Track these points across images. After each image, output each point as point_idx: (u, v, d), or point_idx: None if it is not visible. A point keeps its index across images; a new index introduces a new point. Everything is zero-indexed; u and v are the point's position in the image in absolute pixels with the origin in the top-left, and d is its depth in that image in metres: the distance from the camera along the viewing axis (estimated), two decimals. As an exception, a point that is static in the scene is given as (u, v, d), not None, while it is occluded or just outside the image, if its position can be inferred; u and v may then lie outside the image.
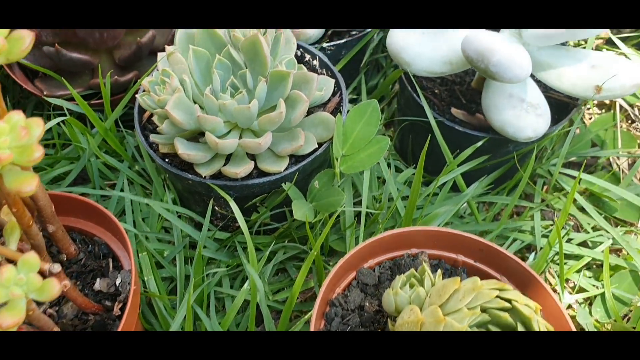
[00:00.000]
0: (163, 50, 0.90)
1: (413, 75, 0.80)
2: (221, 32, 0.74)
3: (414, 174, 0.89)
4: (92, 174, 0.83)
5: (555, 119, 0.80)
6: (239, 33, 0.71)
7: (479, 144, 0.79)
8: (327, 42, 0.89)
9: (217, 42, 0.74)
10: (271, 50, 0.75)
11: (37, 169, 0.87)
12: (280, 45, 0.76)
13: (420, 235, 0.65)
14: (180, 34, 0.75)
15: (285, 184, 0.71)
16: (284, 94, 0.70)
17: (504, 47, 0.67)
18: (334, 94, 0.80)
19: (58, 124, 0.88)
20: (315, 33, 0.86)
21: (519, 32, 0.75)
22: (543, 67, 0.76)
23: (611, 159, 0.93)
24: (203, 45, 0.74)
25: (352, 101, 0.99)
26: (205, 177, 0.70)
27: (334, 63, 0.91)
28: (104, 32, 0.83)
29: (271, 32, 0.73)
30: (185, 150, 0.67)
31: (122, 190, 0.84)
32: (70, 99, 0.87)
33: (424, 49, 0.76)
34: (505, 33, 0.76)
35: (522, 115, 0.74)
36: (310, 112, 0.78)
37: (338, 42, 0.89)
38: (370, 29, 0.90)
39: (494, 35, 0.71)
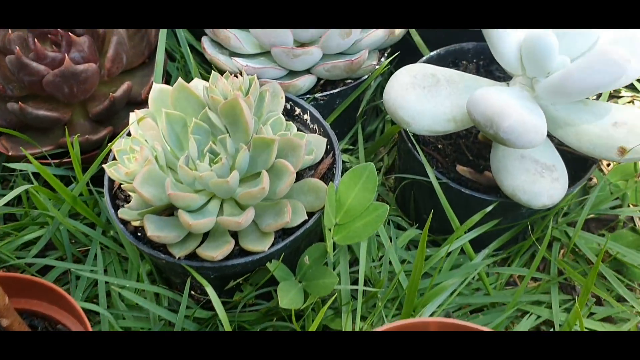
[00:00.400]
0: (141, 102, 0.83)
1: (413, 134, 0.72)
2: (199, 92, 0.66)
3: (417, 234, 0.81)
4: (60, 244, 0.76)
5: (572, 175, 0.72)
6: (218, 94, 0.64)
7: (489, 209, 0.71)
8: (320, 92, 0.81)
9: (194, 103, 0.66)
10: (255, 109, 0.68)
11: (4, 234, 0.79)
12: (266, 103, 0.68)
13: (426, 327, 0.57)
14: (154, 91, 0.68)
15: (271, 261, 0.64)
16: (267, 163, 0.62)
17: (516, 111, 0.59)
18: (326, 152, 0.73)
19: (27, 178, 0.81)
20: (306, 84, 0.79)
21: (531, 85, 0.67)
22: (559, 124, 0.68)
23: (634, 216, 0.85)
24: (178, 106, 0.66)
25: (347, 151, 0.91)
26: (179, 257, 0.62)
27: (328, 112, 0.84)
28: (73, 87, 0.76)
29: (255, 90, 0.65)
30: (155, 231, 0.59)
31: (95, 257, 0.77)
32: (41, 157, 0.79)
33: (425, 106, 0.68)
34: (516, 88, 0.68)
35: (537, 180, 0.66)
36: (299, 175, 0.71)
37: (332, 91, 0.81)
38: (366, 76, 0.83)
39: (503, 92, 0.64)
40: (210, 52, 0.80)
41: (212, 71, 0.67)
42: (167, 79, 0.96)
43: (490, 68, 0.86)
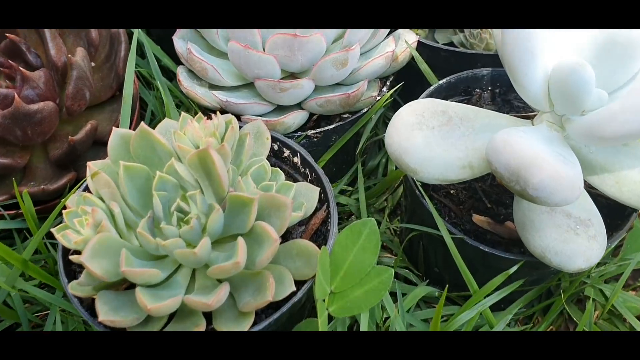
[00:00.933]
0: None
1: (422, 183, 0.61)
2: (169, 136, 0.56)
3: (429, 292, 0.70)
4: (9, 314, 0.65)
5: (607, 224, 0.61)
6: (186, 142, 0.53)
7: (512, 270, 0.60)
8: (313, 129, 0.70)
9: (161, 151, 0.56)
10: (234, 157, 0.57)
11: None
12: (246, 149, 0.58)
13: None
14: (113, 138, 0.57)
15: (252, 343, 0.53)
16: (245, 225, 0.52)
17: (548, 162, 0.48)
18: (320, 201, 0.62)
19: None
20: (296, 121, 0.68)
21: (561, 124, 0.57)
22: (594, 169, 0.58)
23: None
24: (142, 156, 0.56)
25: (346, 192, 0.81)
26: (141, 343, 0.51)
27: (323, 150, 0.73)
28: (27, 129, 0.66)
29: (232, 135, 0.55)
30: (108, 314, 0.48)
31: (55, 322, 0.66)
32: (-6, 207, 0.69)
33: (435, 150, 0.57)
34: (543, 127, 0.57)
35: (570, 239, 0.55)
36: (287, 232, 0.60)
37: (326, 127, 0.70)
38: (366, 110, 0.72)
39: (530, 135, 0.53)
40: (186, 85, 0.70)
41: (182, 112, 0.57)
42: (143, 111, 0.85)
43: (508, 97, 0.75)
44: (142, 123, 0.55)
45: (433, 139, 0.58)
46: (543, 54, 0.54)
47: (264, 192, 0.53)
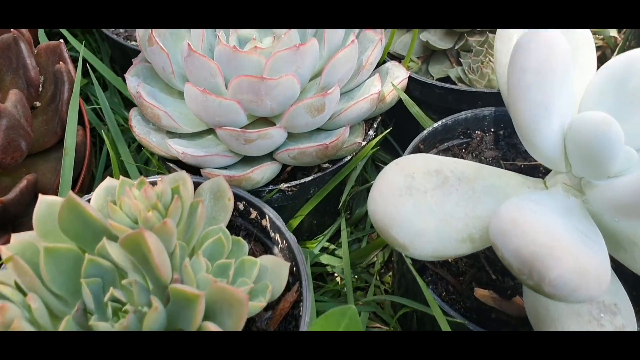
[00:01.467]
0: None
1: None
2: (99, 212, 0.46)
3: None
4: None
5: (632, 297, 0.51)
6: (121, 219, 0.43)
7: None
8: (287, 182, 0.60)
9: (94, 227, 0.46)
10: (184, 230, 0.48)
11: None
12: (197, 220, 0.48)
13: None
14: (39, 208, 0.47)
15: None
16: (190, 324, 0.41)
17: (568, 252, 0.38)
18: (292, 275, 0.52)
19: None
20: (265, 175, 0.58)
21: (580, 186, 0.47)
22: (621, 243, 0.48)
23: None
24: (71, 231, 0.46)
25: (327, 251, 0.71)
26: None
27: (301, 204, 0.63)
28: (-51, 188, 0.56)
29: (178, 207, 0.45)
30: None
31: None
32: None
33: (428, 222, 0.47)
34: (558, 192, 0.47)
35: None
36: (249, 321, 0.50)
37: (303, 180, 0.60)
38: (349, 157, 0.62)
39: (544, 210, 0.43)
40: (139, 132, 0.60)
41: (121, 177, 0.47)
42: (97, 153, 0.76)
43: (514, 140, 0.65)
44: (70, 193, 0.45)
45: (426, 206, 0.48)
46: (559, 105, 0.44)
47: (215, 283, 0.43)
